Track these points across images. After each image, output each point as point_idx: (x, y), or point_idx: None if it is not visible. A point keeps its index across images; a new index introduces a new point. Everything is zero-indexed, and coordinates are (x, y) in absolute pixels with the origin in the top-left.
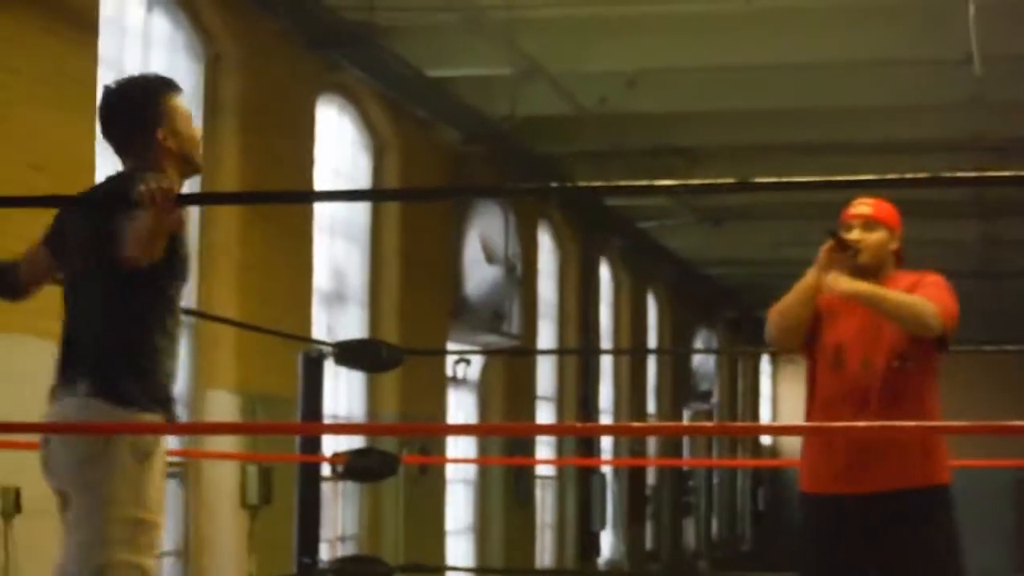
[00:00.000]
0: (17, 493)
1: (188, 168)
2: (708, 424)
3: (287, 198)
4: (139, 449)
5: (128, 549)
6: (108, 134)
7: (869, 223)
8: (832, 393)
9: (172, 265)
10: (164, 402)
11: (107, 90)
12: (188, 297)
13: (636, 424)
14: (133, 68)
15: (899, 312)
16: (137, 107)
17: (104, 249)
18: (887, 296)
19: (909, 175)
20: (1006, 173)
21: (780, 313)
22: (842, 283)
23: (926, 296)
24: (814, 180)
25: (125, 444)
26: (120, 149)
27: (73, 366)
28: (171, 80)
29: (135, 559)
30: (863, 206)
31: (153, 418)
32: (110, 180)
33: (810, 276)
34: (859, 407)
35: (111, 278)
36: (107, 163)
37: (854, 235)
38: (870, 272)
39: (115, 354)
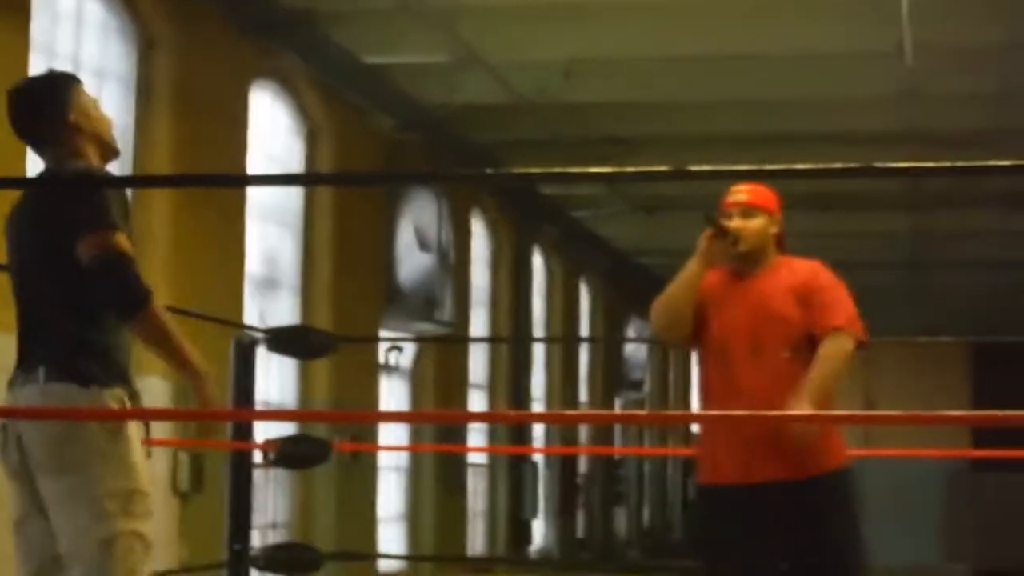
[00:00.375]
0: None
1: (106, 150)
2: (640, 412)
3: (219, 181)
4: (108, 425)
5: (126, 519)
6: (22, 130)
7: (747, 210)
8: (721, 384)
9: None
10: (124, 376)
11: (11, 92)
12: None
13: (568, 412)
14: (65, 53)
15: (841, 376)
16: (44, 96)
17: (55, 240)
18: (827, 378)
19: (842, 165)
20: (936, 164)
21: (663, 305)
22: (803, 405)
23: (827, 308)
24: (747, 169)
25: (94, 422)
26: (37, 142)
27: (32, 353)
28: (71, 73)
29: (135, 527)
30: (740, 193)
31: (115, 393)
32: (43, 178)
33: (692, 265)
34: (748, 397)
35: (62, 265)
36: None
37: (734, 223)
38: (751, 259)
39: (71, 337)
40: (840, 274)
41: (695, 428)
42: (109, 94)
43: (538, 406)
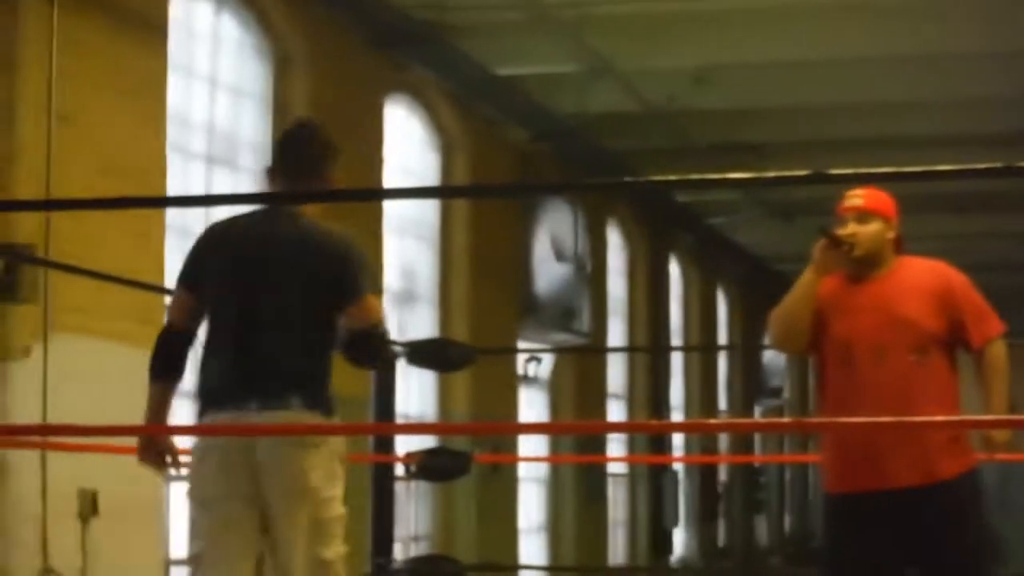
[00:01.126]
0: (94, 496)
1: None
2: (781, 420)
3: (358, 196)
4: (339, 452)
5: (342, 543)
6: (306, 163)
7: (863, 215)
8: (843, 391)
9: None
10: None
11: (311, 125)
12: None
13: (707, 421)
14: (202, 71)
15: (1007, 384)
16: (332, 146)
17: (317, 291)
18: (1006, 390)
19: (983, 166)
20: None
21: (781, 317)
22: (997, 441)
23: (977, 317)
24: (886, 171)
25: (330, 449)
26: (305, 178)
27: (272, 381)
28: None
29: (344, 550)
30: (855, 199)
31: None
32: (279, 219)
33: (807, 275)
34: (874, 402)
35: (322, 310)
36: (177, 168)
37: (848, 229)
38: (868, 263)
39: (314, 370)
40: (975, 276)
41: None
42: (246, 112)
43: (677, 415)
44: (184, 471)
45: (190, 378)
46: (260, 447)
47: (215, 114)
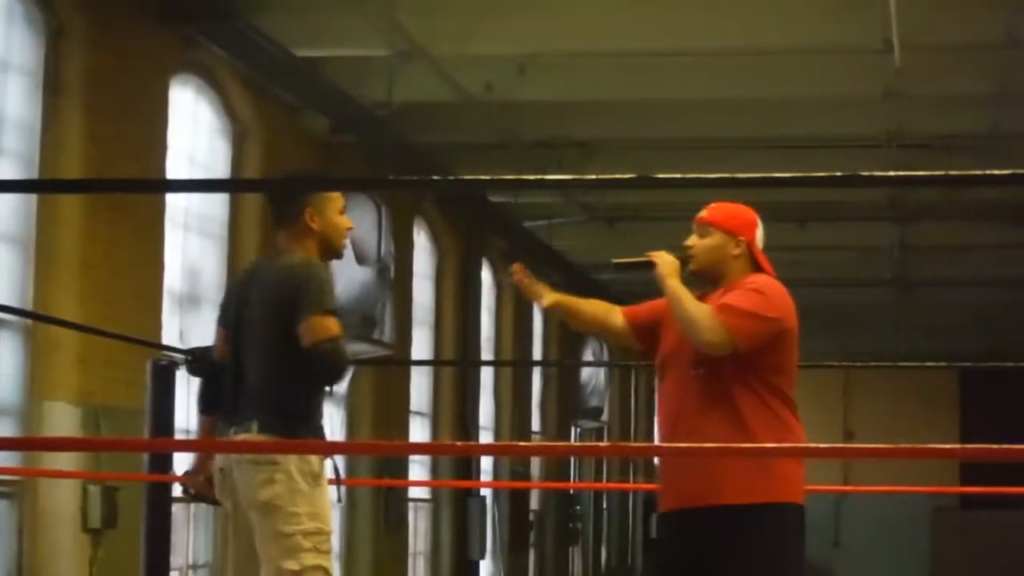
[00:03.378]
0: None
1: (329, 253)
2: (599, 444)
3: (135, 187)
4: (307, 471)
5: (316, 555)
6: (273, 203)
7: (702, 227)
8: (660, 405)
9: None
10: (319, 434)
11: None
12: (23, 298)
13: (519, 443)
14: None
15: (683, 322)
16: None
17: (280, 315)
18: (681, 302)
19: (824, 174)
20: (924, 172)
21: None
22: (665, 275)
23: (726, 305)
24: (718, 177)
25: (289, 467)
26: (278, 220)
27: (243, 407)
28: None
29: (322, 563)
30: (702, 210)
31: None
32: (279, 263)
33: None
34: (673, 420)
35: (285, 339)
36: None
37: (688, 241)
38: (705, 279)
39: (281, 398)
40: (818, 293)
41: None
42: (12, 88)
43: (486, 436)
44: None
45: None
46: (232, 466)
47: None
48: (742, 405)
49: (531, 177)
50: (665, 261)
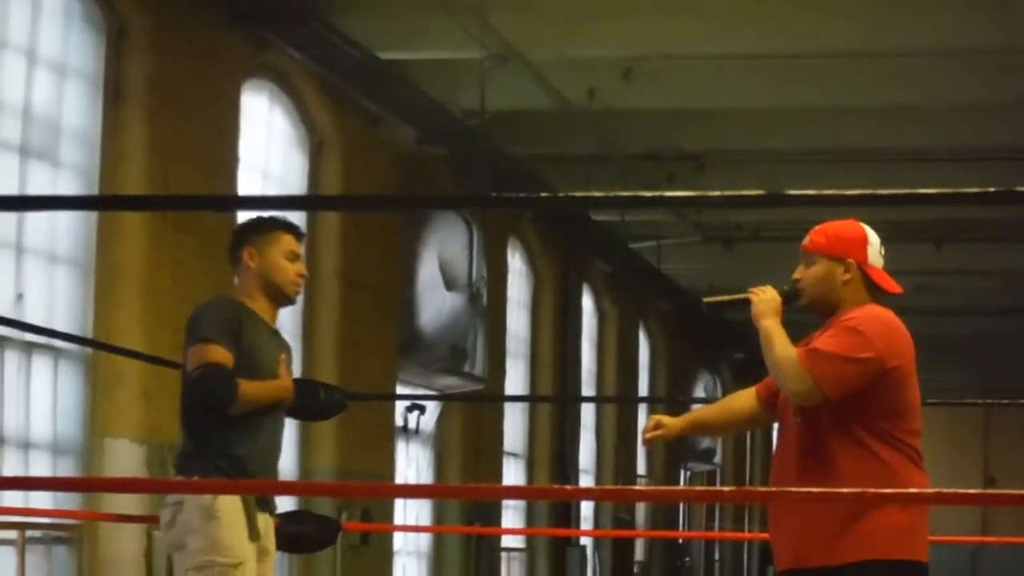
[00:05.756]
0: None
1: (279, 299)
2: (716, 488)
3: (204, 204)
4: (201, 507)
5: None
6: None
7: (806, 256)
8: (773, 454)
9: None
10: (227, 472)
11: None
12: (83, 325)
13: (623, 488)
14: (19, 40)
15: (771, 369)
16: (241, 228)
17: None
18: (771, 346)
19: (976, 190)
20: None
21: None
22: (759, 314)
23: (813, 349)
24: (864, 193)
25: (194, 506)
26: (229, 259)
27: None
28: (283, 220)
29: None
30: (805, 236)
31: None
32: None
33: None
34: (777, 470)
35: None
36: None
37: (796, 274)
38: (819, 311)
39: (188, 440)
40: (954, 322)
41: None
42: (70, 95)
43: (586, 479)
44: None
45: None
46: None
47: (32, 97)
48: (840, 456)
49: (646, 194)
50: (762, 299)
